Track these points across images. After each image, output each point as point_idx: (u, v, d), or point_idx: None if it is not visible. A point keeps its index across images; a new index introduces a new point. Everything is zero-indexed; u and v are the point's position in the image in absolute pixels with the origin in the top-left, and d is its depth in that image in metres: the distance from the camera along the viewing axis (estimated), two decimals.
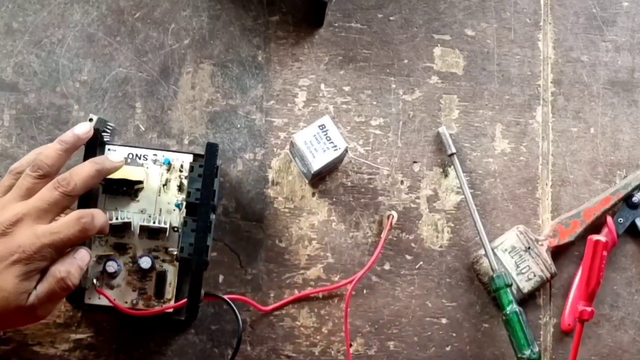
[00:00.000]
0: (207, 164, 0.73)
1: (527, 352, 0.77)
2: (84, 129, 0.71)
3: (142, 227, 0.75)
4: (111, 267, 0.74)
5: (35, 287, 0.64)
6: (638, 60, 0.87)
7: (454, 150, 0.82)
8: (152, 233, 0.75)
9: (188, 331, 0.79)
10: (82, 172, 0.68)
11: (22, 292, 0.63)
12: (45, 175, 0.67)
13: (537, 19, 0.87)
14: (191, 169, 0.73)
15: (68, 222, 0.66)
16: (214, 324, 0.79)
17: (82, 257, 0.68)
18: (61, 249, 0.66)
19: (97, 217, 0.68)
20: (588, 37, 0.87)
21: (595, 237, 0.74)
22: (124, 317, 0.75)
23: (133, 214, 0.75)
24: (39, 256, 0.64)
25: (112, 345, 0.78)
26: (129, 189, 0.75)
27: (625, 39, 0.87)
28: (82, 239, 0.67)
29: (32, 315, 0.65)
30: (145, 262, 0.74)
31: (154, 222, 0.74)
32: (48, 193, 0.66)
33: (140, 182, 0.75)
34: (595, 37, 0.87)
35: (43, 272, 0.65)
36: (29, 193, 0.67)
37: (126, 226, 0.74)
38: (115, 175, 0.74)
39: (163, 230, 0.75)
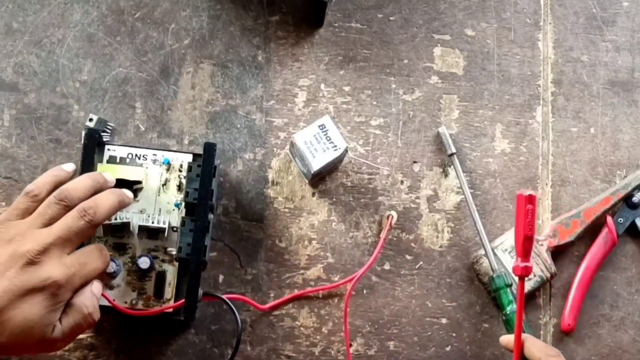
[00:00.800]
0: (205, 163, 0.73)
1: None
2: (111, 178, 0.72)
3: (141, 227, 0.75)
4: (110, 267, 0.73)
5: (59, 320, 0.64)
6: (638, 60, 0.87)
7: (454, 150, 0.82)
8: (151, 233, 0.75)
9: (188, 331, 0.79)
10: (107, 202, 0.68)
11: (48, 324, 0.63)
12: (70, 207, 0.66)
13: (537, 19, 0.87)
14: (189, 168, 0.73)
15: (93, 253, 0.67)
16: (214, 324, 0.79)
17: (99, 290, 0.68)
18: (88, 281, 0.66)
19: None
20: (588, 37, 0.87)
21: (520, 191, 0.71)
22: (124, 317, 0.75)
23: (132, 214, 0.75)
24: (70, 287, 0.64)
25: (112, 345, 0.78)
26: (128, 189, 0.75)
27: (625, 39, 0.87)
28: (103, 271, 0.68)
29: (52, 346, 0.64)
30: (144, 263, 0.74)
31: (153, 222, 0.74)
32: (74, 222, 0.65)
33: (139, 182, 0.75)
34: (595, 37, 0.87)
35: (66, 304, 0.65)
36: (52, 222, 0.65)
37: (125, 226, 0.74)
38: (115, 176, 0.74)
39: (162, 230, 0.75)
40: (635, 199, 0.83)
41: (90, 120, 0.80)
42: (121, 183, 0.74)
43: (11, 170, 0.79)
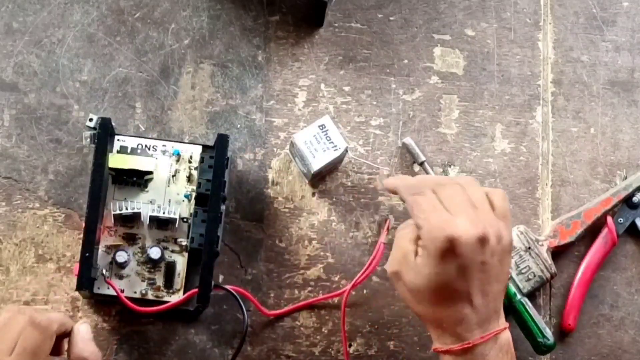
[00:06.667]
0: (217, 154, 0.74)
1: (542, 340, 0.77)
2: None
3: (151, 218, 0.75)
4: (121, 257, 0.74)
5: None
6: (638, 60, 0.87)
7: (423, 158, 0.81)
8: (161, 223, 0.76)
9: (188, 331, 0.79)
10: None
11: None
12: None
13: (537, 19, 0.87)
14: (202, 159, 0.75)
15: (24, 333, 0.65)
16: (214, 324, 0.79)
17: (86, 331, 0.70)
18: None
19: None
20: (588, 37, 0.87)
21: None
22: (124, 316, 0.76)
23: (142, 204, 0.75)
24: None
25: (112, 345, 0.78)
26: (138, 180, 0.75)
27: (625, 39, 0.87)
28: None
29: None
30: (155, 253, 0.74)
31: (164, 213, 0.75)
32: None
33: (150, 172, 0.75)
34: (595, 37, 0.87)
35: None
36: None
37: (135, 216, 0.75)
38: (125, 166, 0.74)
39: (172, 220, 0.75)
40: (635, 199, 0.83)
41: (90, 120, 0.80)
42: (132, 173, 0.74)
43: (11, 170, 0.79)
